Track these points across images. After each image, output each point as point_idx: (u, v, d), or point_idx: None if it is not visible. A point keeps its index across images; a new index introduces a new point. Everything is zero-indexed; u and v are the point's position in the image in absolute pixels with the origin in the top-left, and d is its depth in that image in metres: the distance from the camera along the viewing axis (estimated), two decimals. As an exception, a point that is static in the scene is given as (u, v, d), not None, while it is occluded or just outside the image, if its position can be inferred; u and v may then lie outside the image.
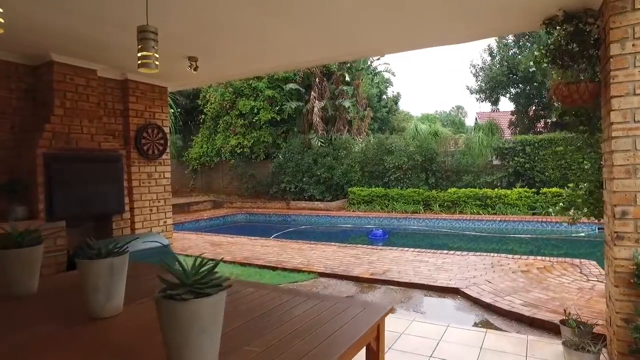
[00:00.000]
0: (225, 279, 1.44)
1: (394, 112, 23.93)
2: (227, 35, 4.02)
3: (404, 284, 5.48)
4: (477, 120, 23.40)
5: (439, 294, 5.16)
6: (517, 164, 12.83)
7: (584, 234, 9.90)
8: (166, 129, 5.92)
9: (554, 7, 3.26)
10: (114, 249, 1.90)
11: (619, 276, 2.70)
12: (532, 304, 4.40)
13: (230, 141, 17.52)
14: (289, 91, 17.16)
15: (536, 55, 3.52)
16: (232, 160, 17.85)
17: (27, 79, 4.57)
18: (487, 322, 4.23)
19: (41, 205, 4.12)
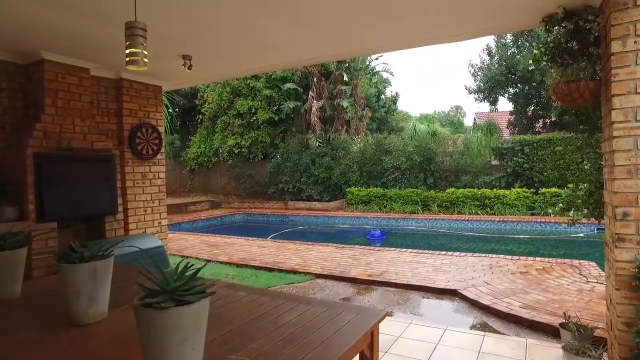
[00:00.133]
0: (210, 284, 1.37)
1: (393, 112, 23.87)
2: (221, 33, 3.95)
3: (401, 286, 5.42)
4: (475, 120, 23.34)
5: (437, 296, 5.10)
6: (516, 164, 12.77)
7: (582, 235, 9.85)
8: (161, 129, 5.84)
9: (554, 4, 3.20)
10: (97, 252, 1.83)
11: (620, 279, 2.64)
12: (531, 306, 4.34)
13: (228, 141, 17.44)
14: (287, 91, 17.08)
15: (535, 53, 3.46)
16: (230, 160, 17.76)
17: (19, 78, 4.49)
18: (486, 324, 4.17)
19: (31, 206, 4.05)
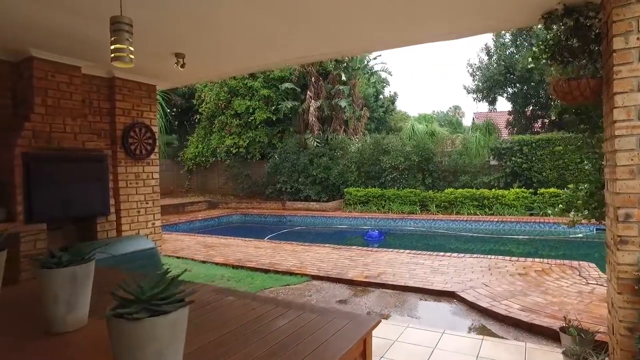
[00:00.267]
0: (191, 292, 1.28)
1: (391, 112, 23.80)
2: (214, 30, 3.86)
3: (398, 288, 5.34)
4: (474, 120, 23.28)
5: (435, 298, 5.02)
6: (515, 164, 12.70)
7: (581, 235, 9.78)
8: (155, 128, 5.75)
9: (554, 0, 3.12)
10: (77, 256, 1.74)
11: (623, 282, 2.56)
12: (530, 308, 4.26)
13: (225, 141, 17.33)
14: (284, 90, 16.98)
15: (535, 51, 3.40)
16: (228, 160, 17.65)
17: (7, 76, 4.39)
18: (484, 327, 4.09)
19: (19, 206, 3.95)
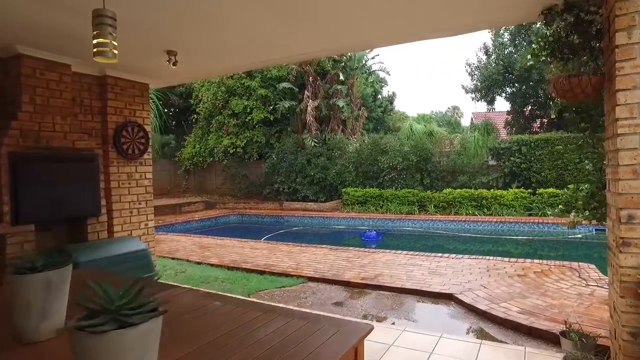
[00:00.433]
0: (164, 301, 1.19)
1: (389, 112, 23.71)
2: (206, 27, 3.76)
3: (396, 289, 5.24)
4: (472, 120, 23.20)
5: (432, 300, 4.93)
6: (513, 164, 12.63)
7: (580, 236, 9.71)
8: (148, 128, 5.65)
9: (554, -5, 3.04)
10: (52, 261, 1.65)
11: (625, 286, 2.48)
12: (529, 311, 4.17)
13: (223, 141, 17.23)
14: (282, 90, 16.88)
15: (534, 47, 3.30)
16: (225, 160, 17.54)
17: (-5, 74, 4.31)
18: (482, 331, 4.00)
19: (6, 207, 3.84)
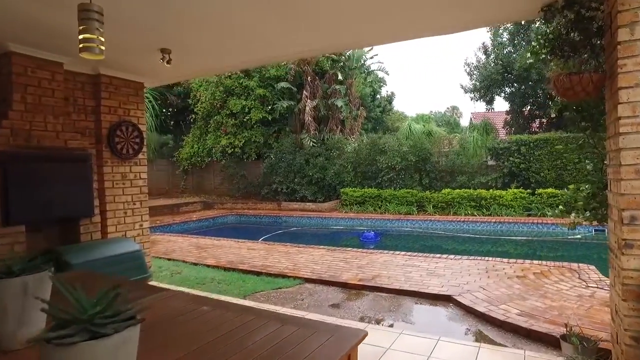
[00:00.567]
0: (143, 308, 1.12)
1: (388, 112, 23.66)
2: (201, 24, 3.68)
3: (393, 291, 5.17)
4: (471, 120, 23.16)
5: (430, 302, 4.86)
6: (512, 165, 12.57)
7: (580, 236, 9.65)
8: (143, 127, 5.57)
9: (554, -9, 2.98)
10: (30, 265, 1.58)
11: (628, 289, 2.41)
12: (529, 313, 4.11)
13: (221, 141, 17.14)
14: (280, 90, 16.80)
15: (534, 45, 3.24)
16: (223, 160, 17.46)
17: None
18: (481, 333, 3.93)
19: (-5, 208, 3.78)
